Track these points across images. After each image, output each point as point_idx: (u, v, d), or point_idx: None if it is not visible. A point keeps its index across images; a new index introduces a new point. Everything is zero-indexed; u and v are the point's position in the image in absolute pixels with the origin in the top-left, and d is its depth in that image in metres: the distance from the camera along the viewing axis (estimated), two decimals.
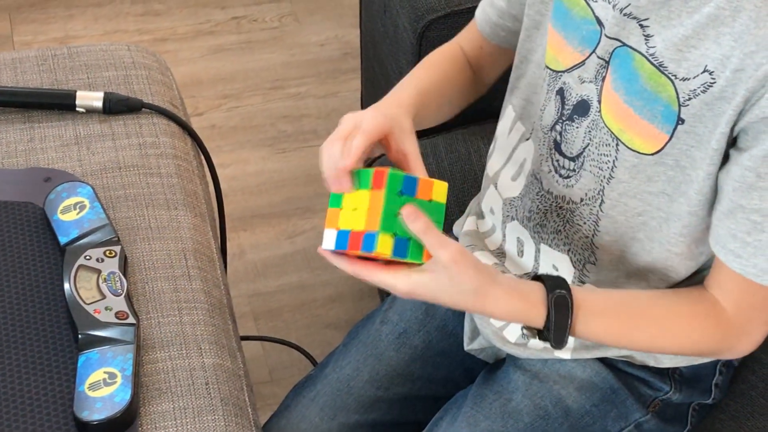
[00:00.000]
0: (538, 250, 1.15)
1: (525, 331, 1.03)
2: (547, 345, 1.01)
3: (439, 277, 0.94)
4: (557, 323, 0.99)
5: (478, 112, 1.54)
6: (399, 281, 0.94)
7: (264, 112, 2.50)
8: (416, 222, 0.91)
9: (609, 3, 1.00)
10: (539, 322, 1.00)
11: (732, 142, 0.96)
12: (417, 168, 0.98)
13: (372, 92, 2.00)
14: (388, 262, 0.95)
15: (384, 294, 1.74)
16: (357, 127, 0.97)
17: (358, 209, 0.94)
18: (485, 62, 1.24)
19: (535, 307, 0.99)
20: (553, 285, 1.00)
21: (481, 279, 0.96)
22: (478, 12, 1.23)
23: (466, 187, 1.51)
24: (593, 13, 1.03)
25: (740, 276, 0.99)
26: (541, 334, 1.00)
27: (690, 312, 1.03)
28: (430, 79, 1.17)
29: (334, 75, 2.59)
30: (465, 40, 1.25)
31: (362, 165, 0.97)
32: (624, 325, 1.04)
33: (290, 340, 1.92)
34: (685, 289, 1.06)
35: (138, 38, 2.67)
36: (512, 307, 0.99)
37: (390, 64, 1.75)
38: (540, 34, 1.12)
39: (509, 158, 1.18)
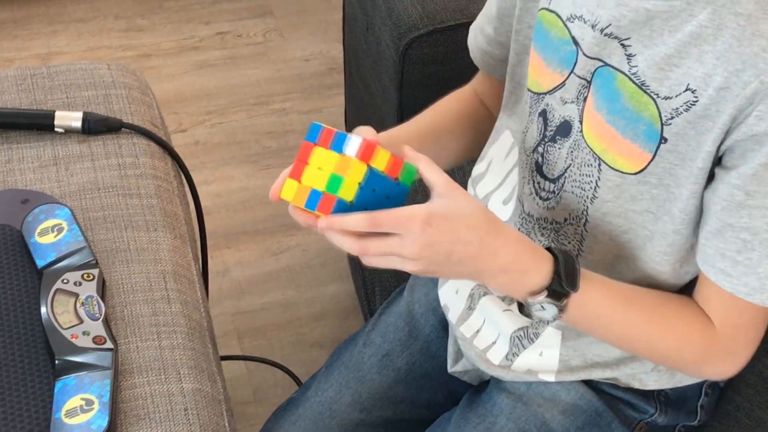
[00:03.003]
0: None
1: (528, 300, 0.97)
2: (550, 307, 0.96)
3: (449, 200, 0.91)
4: (567, 266, 0.96)
5: None
6: (416, 210, 0.90)
7: (248, 128, 2.49)
8: (416, 152, 0.93)
9: (586, 23, 1.00)
10: (546, 270, 0.95)
11: (717, 161, 0.96)
12: None
13: (355, 108, 1.99)
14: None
15: (368, 313, 1.73)
16: None
17: (323, 169, 0.92)
18: (493, 99, 1.23)
19: (543, 254, 0.96)
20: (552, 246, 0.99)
21: (483, 206, 0.95)
22: (469, 39, 1.23)
23: None
24: (570, 33, 1.02)
25: (727, 295, 0.98)
26: (550, 284, 0.96)
27: (681, 310, 1.02)
28: (430, 116, 1.18)
29: (318, 90, 2.59)
30: (475, 80, 1.25)
31: None
32: (621, 298, 1.01)
33: (274, 359, 1.90)
34: (676, 294, 1.05)
35: (122, 54, 2.66)
36: (521, 249, 0.96)
37: (373, 81, 1.75)
38: (529, 58, 1.12)
39: (502, 182, 1.17)
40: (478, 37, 1.21)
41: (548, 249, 0.98)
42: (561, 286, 0.96)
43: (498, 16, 1.16)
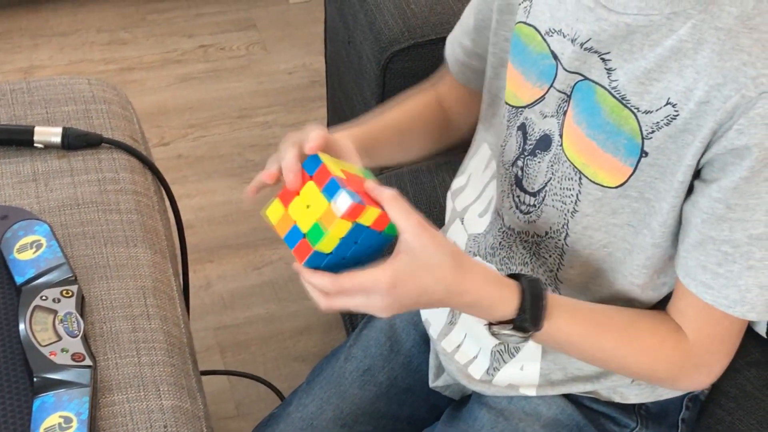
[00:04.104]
0: None
1: (494, 329, 0.99)
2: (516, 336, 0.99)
3: (415, 253, 0.91)
4: (533, 304, 0.97)
5: None
6: (381, 274, 0.91)
7: (231, 142, 2.48)
8: (383, 192, 0.91)
9: (565, 37, 1.00)
10: (511, 306, 0.97)
11: (696, 174, 0.96)
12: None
13: (338, 121, 1.99)
14: None
15: (350, 327, 1.73)
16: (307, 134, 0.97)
17: (310, 209, 0.92)
18: (458, 106, 1.24)
19: (509, 291, 0.97)
20: (525, 275, 1.00)
21: (453, 247, 0.95)
22: (447, 52, 1.23)
23: (431, 219, 1.49)
24: (549, 47, 1.03)
25: (706, 307, 0.98)
26: (515, 319, 0.97)
27: (654, 328, 1.03)
28: (393, 114, 1.18)
29: (302, 103, 2.59)
30: (439, 83, 1.25)
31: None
32: (590, 325, 1.02)
33: (257, 373, 1.90)
34: (648, 310, 1.06)
35: (104, 67, 2.65)
36: (488, 282, 0.97)
37: (355, 95, 1.75)
38: (507, 72, 1.12)
39: (479, 195, 1.17)
40: (456, 49, 1.21)
41: (519, 278, 0.99)
42: (525, 323, 0.98)
43: (476, 28, 1.16)
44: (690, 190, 0.97)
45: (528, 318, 0.97)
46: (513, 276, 1.00)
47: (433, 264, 0.92)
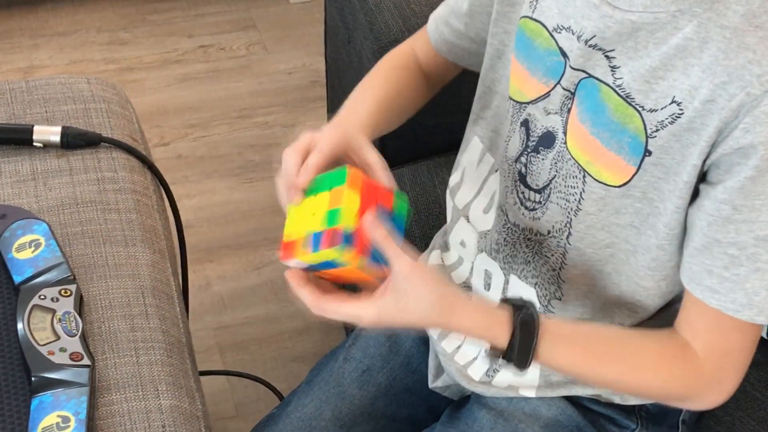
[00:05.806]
0: (506, 282, 1.14)
1: (487, 352, 1.00)
2: (511, 370, 0.99)
3: (402, 293, 0.93)
4: (522, 343, 0.97)
5: (442, 143, 1.53)
6: (365, 310, 0.94)
7: (231, 142, 2.48)
8: (377, 230, 0.92)
9: (573, 34, 1.00)
10: (503, 340, 0.97)
11: (701, 177, 0.96)
12: (383, 177, 0.99)
13: None
14: (342, 286, 0.98)
15: (349, 328, 1.72)
16: (314, 144, 0.98)
17: (317, 214, 0.94)
18: (437, 71, 1.24)
19: (500, 325, 0.97)
20: (521, 305, 0.99)
21: (443, 289, 0.96)
22: (431, 29, 1.22)
23: (430, 219, 1.50)
24: (557, 44, 1.02)
25: (714, 315, 0.97)
26: (504, 355, 0.98)
27: (659, 351, 1.01)
28: (386, 90, 1.17)
29: (302, 103, 2.59)
30: (419, 48, 1.24)
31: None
32: (590, 356, 1.01)
33: (257, 374, 1.89)
34: (655, 330, 1.04)
35: (104, 67, 2.65)
36: (477, 322, 0.97)
37: None
38: (502, 64, 1.11)
39: (480, 190, 1.17)
40: (442, 29, 1.20)
41: (514, 306, 0.99)
42: (512, 361, 0.98)
43: (469, 12, 1.15)
44: (695, 195, 0.96)
45: (515, 358, 0.98)
46: (510, 301, 1.00)
47: (419, 308, 0.94)
